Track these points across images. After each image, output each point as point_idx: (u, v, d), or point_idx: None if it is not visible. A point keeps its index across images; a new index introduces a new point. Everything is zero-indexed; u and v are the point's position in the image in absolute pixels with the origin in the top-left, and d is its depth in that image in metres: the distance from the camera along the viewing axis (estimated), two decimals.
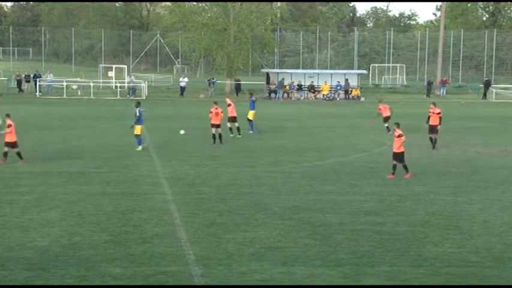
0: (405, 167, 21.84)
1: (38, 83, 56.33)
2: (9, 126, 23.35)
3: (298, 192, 19.56)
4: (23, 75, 59.13)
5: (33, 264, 12.77)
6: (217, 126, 28.99)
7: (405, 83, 73.19)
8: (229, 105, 31.20)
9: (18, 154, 23.54)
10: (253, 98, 33.85)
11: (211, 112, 29.18)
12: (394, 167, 21.84)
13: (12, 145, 23.42)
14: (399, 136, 21.71)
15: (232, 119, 31.13)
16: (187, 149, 27.60)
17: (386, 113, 33.40)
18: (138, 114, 26.81)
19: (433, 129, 27.98)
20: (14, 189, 19.28)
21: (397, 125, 22.12)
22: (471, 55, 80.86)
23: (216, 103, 29.93)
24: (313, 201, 18.31)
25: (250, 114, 33.09)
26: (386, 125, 32.84)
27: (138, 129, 26.83)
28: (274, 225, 15.75)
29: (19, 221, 15.84)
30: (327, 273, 12.55)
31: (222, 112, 29.51)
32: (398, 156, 21.80)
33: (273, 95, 58.34)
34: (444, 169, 23.84)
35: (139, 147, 26.75)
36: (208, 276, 12.24)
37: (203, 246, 13.99)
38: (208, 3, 63.45)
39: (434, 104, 28.70)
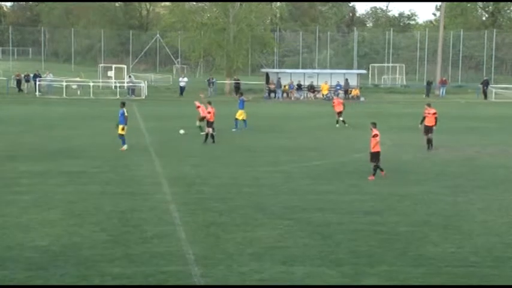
0: (375, 169, 21.66)
1: (37, 83, 56.30)
2: None
3: (298, 192, 19.56)
4: (23, 75, 59.12)
5: (33, 264, 12.78)
6: (212, 125, 29.11)
7: (405, 83, 73.19)
8: (198, 107, 31.64)
9: None
10: (243, 98, 34.50)
11: (209, 112, 29.24)
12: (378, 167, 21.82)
13: None
14: (374, 136, 21.67)
15: (202, 119, 31.39)
16: (187, 149, 27.60)
17: (339, 108, 35.81)
18: (126, 114, 26.84)
19: (428, 130, 28.00)
20: (14, 189, 19.27)
21: (374, 124, 22.05)
22: (471, 55, 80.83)
23: (210, 103, 30.08)
24: (312, 201, 18.32)
25: (239, 114, 33.56)
26: (337, 118, 35.82)
27: (120, 128, 26.78)
28: (274, 225, 15.75)
29: (19, 221, 15.84)
30: (326, 273, 12.55)
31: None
32: (373, 156, 21.78)
33: (272, 94, 58.33)
34: (444, 169, 23.84)
35: (125, 146, 26.69)
36: (208, 276, 12.24)
37: (203, 246, 13.99)
38: (207, 3, 63.44)
39: (429, 105, 28.71)
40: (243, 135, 31.92)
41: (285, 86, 58.08)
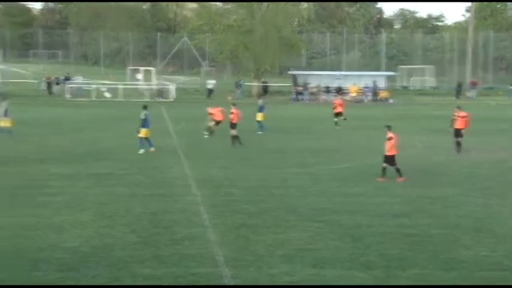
0: (397, 170, 21.46)
1: (67, 86, 56.93)
2: None
3: (326, 194, 19.50)
4: (53, 78, 59.90)
5: (65, 264, 12.90)
6: (235, 127, 29.17)
7: (434, 84, 72.48)
8: (213, 111, 32.15)
9: None
10: (261, 101, 35.08)
11: (232, 113, 29.34)
12: (384, 169, 21.56)
13: None
14: (389, 139, 21.48)
15: (217, 123, 31.87)
16: (214, 151, 27.67)
17: (338, 109, 37.29)
18: (143, 117, 26.82)
19: (458, 133, 27.72)
20: (45, 191, 19.48)
21: (388, 127, 21.91)
22: (501, 56, 79.77)
23: (234, 104, 30.19)
24: (341, 203, 18.23)
25: (259, 116, 33.74)
26: (335, 119, 36.89)
27: (143, 132, 26.78)
28: (304, 227, 15.71)
29: (51, 222, 16.02)
30: (357, 276, 12.48)
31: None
32: (388, 159, 21.55)
33: (300, 96, 58.24)
34: (474, 171, 23.58)
35: (141, 151, 26.54)
36: (238, 278, 12.25)
37: (233, 248, 14.00)
38: (234, 4, 63.52)
39: (459, 108, 28.45)
40: (269, 137, 31.87)
41: (312, 88, 57.91)
